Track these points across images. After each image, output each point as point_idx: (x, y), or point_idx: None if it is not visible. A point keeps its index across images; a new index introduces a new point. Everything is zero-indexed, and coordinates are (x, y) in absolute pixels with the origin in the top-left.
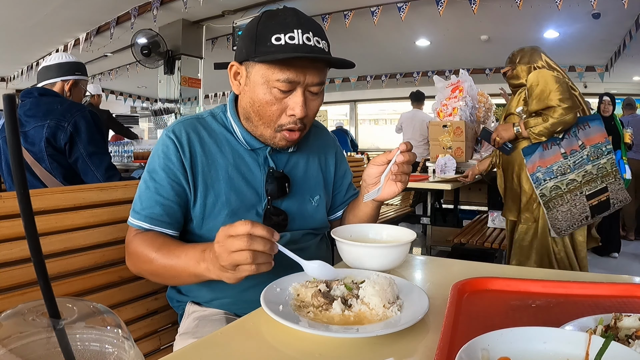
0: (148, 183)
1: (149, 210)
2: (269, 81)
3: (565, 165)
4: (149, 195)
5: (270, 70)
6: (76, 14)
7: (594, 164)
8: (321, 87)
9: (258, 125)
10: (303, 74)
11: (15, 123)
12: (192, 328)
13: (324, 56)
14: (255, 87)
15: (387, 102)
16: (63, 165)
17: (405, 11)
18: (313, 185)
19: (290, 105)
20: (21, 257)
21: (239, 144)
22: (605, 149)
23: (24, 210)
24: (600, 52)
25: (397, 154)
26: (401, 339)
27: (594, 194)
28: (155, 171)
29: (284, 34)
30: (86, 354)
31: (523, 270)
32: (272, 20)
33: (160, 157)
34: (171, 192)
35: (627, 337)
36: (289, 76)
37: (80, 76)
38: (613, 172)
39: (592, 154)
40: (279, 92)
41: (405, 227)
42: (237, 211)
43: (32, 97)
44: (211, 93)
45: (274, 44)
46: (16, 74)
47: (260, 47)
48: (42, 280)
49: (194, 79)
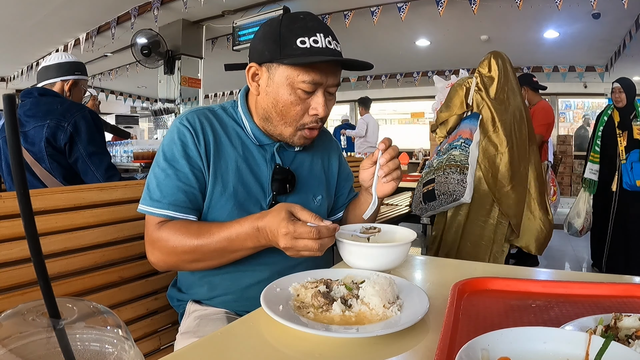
0: (167, 171)
1: (172, 197)
2: (293, 82)
3: (431, 162)
4: (169, 183)
5: (296, 72)
6: (76, 14)
7: (437, 159)
8: (337, 88)
9: (278, 124)
10: (325, 76)
11: (15, 123)
12: (193, 327)
13: (351, 60)
14: (279, 89)
15: (387, 102)
16: (63, 165)
17: (405, 11)
18: (316, 185)
19: (313, 105)
20: (21, 257)
21: (248, 139)
22: (453, 145)
23: (24, 210)
24: (600, 52)
25: (379, 156)
26: (401, 339)
27: (426, 182)
28: (174, 159)
29: (307, 37)
30: (86, 354)
31: (523, 270)
32: (295, 24)
33: (177, 145)
34: (192, 179)
35: (627, 337)
36: (314, 78)
37: (80, 76)
38: (443, 167)
39: (443, 151)
40: (303, 92)
41: (405, 227)
42: (243, 204)
43: (32, 97)
44: (211, 93)
45: (299, 47)
46: (16, 74)
47: (286, 50)
48: (42, 280)
49: (194, 79)
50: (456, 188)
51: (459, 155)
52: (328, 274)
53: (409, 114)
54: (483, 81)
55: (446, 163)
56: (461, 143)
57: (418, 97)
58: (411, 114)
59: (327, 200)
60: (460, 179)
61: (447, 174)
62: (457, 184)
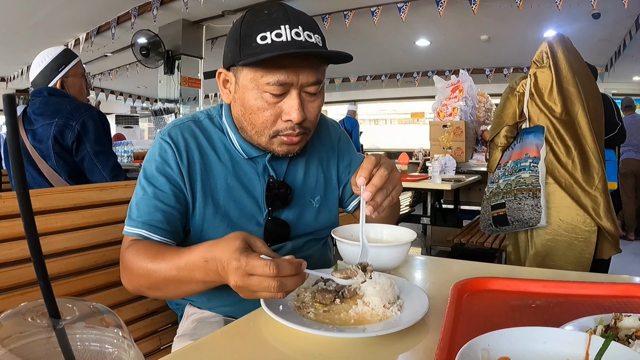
0: (146, 188)
1: (147, 216)
2: (258, 85)
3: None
4: (147, 202)
5: (259, 73)
6: (76, 14)
7: (504, 179)
8: (319, 87)
9: (251, 134)
10: (295, 73)
11: (15, 123)
12: (191, 330)
13: (315, 50)
14: (245, 94)
15: (387, 102)
16: (69, 164)
17: (405, 11)
18: (313, 187)
19: (286, 110)
20: (21, 257)
21: (236, 151)
22: (521, 165)
23: (24, 210)
24: (600, 52)
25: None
26: (401, 339)
27: (495, 206)
28: (153, 176)
29: (269, 31)
30: (86, 354)
31: (523, 270)
32: (256, 19)
33: (157, 162)
34: (172, 198)
35: (627, 337)
36: (280, 78)
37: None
38: (514, 191)
39: (509, 169)
40: (271, 96)
41: (405, 227)
42: (236, 222)
43: (41, 97)
44: (211, 93)
45: (259, 44)
46: (16, 74)
47: (246, 49)
48: (42, 280)
49: (194, 79)
50: (532, 215)
51: (529, 177)
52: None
53: (409, 114)
54: (537, 84)
55: (516, 187)
56: (529, 163)
57: (418, 97)
58: (411, 114)
59: (329, 198)
60: (534, 203)
61: (520, 200)
62: (531, 210)
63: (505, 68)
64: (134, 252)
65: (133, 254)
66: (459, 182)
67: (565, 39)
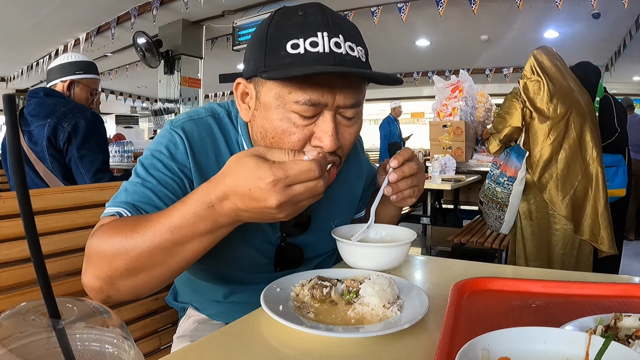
0: (144, 177)
1: (133, 197)
2: (285, 104)
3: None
4: (138, 189)
5: (286, 89)
6: (76, 14)
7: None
8: (358, 110)
9: None
10: (331, 93)
11: (15, 123)
12: (190, 331)
13: (360, 71)
14: (268, 112)
15: (387, 102)
16: (63, 165)
17: (405, 12)
18: (336, 210)
19: (317, 134)
20: (21, 257)
21: None
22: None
23: (24, 210)
24: (600, 52)
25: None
26: (401, 339)
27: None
28: (154, 166)
29: (303, 38)
30: (86, 354)
31: (523, 270)
32: (287, 21)
33: (163, 153)
34: (169, 196)
35: (627, 337)
36: (312, 97)
37: (82, 75)
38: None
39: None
40: (300, 117)
41: (405, 227)
42: (250, 240)
43: (37, 97)
44: (211, 93)
45: (289, 52)
46: (16, 74)
47: (272, 59)
48: (42, 280)
49: (194, 79)
50: (494, 223)
51: (500, 192)
52: (328, 274)
53: (409, 114)
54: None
55: (490, 196)
56: (504, 181)
57: (418, 97)
58: (411, 114)
59: (349, 211)
60: (499, 215)
61: (489, 207)
62: (495, 220)
63: (505, 68)
64: (103, 231)
65: (102, 233)
66: (458, 182)
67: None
